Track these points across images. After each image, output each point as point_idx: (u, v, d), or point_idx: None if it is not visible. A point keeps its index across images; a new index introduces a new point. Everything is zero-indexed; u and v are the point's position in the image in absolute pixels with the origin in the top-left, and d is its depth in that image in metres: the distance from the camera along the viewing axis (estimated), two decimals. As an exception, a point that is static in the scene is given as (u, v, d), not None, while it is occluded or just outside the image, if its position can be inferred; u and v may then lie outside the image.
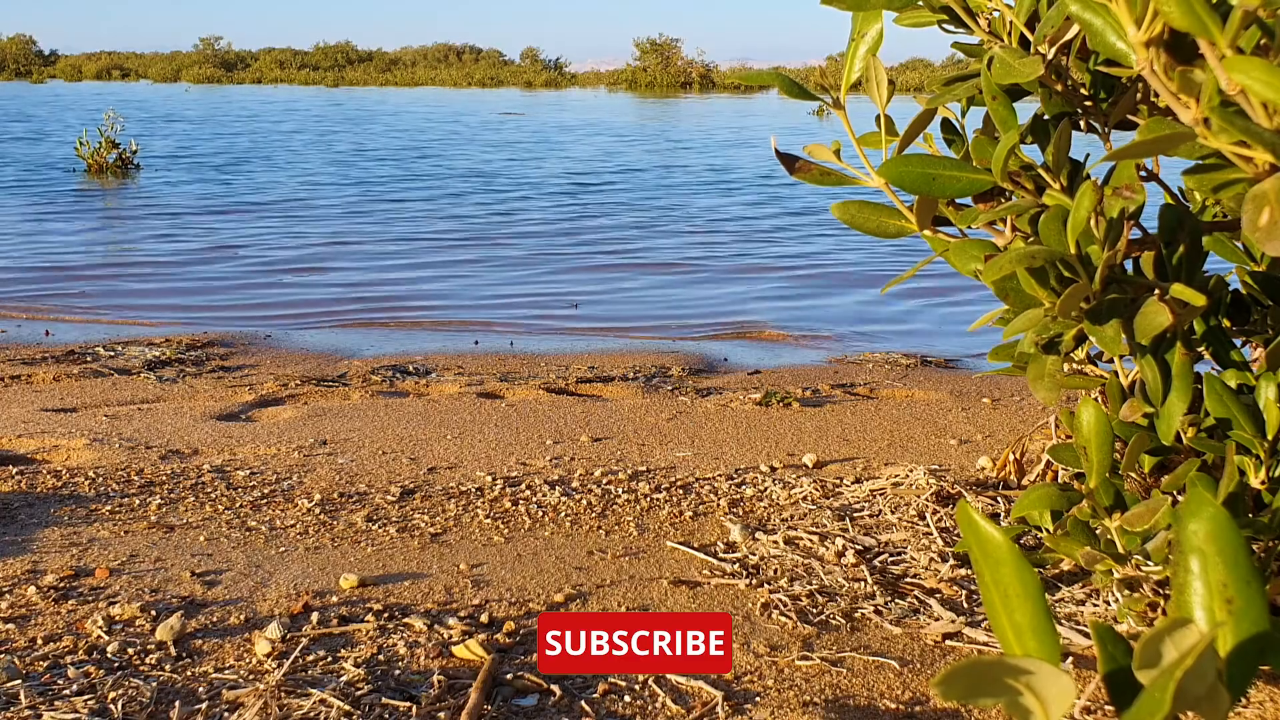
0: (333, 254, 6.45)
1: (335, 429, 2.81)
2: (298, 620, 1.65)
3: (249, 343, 4.02)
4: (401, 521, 2.11)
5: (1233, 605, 0.56)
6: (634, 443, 2.71)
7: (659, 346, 4.09)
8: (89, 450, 2.56)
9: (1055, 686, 0.51)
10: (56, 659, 1.52)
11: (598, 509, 2.20)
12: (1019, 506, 1.43)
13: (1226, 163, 0.92)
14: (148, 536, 2.01)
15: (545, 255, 6.57)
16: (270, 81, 46.46)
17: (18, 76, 49.89)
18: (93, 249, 6.51)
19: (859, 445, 2.70)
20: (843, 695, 1.46)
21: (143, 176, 10.33)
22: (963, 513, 0.62)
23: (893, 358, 3.87)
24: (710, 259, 6.51)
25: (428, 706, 1.41)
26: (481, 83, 46.09)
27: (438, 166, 11.97)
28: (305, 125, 18.71)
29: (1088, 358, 1.65)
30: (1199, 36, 0.80)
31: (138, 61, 53.06)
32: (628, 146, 14.99)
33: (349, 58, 53.21)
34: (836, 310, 5.13)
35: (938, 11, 1.32)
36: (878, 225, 1.37)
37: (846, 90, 1.35)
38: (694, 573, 1.87)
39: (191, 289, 5.43)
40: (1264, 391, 1.26)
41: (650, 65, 44.22)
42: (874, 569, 1.86)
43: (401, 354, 3.87)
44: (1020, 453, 2.31)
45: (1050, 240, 1.15)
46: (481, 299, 5.30)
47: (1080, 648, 1.58)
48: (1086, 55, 1.27)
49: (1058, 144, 1.22)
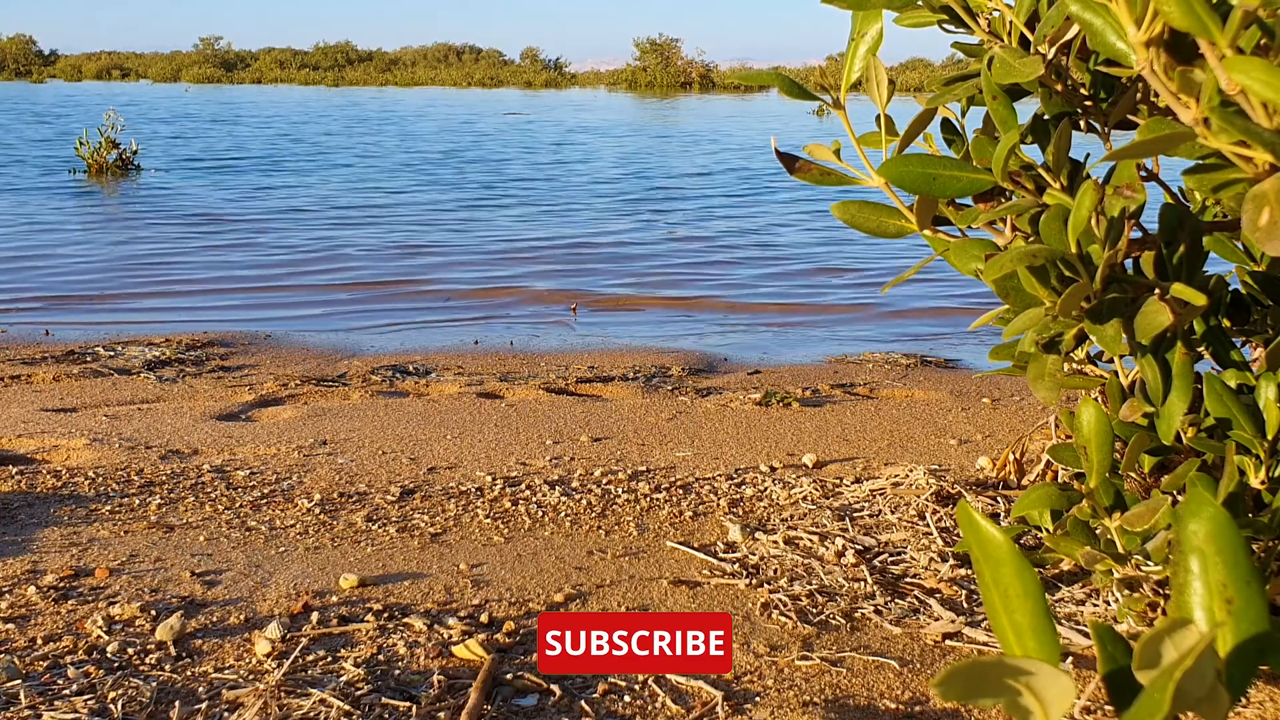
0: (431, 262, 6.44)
1: (335, 429, 2.81)
2: (298, 620, 1.65)
3: (249, 342, 4.02)
4: (401, 521, 2.11)
5: (1232, 605, 0.56)
6: (634, 443, 2.71)
7: (659, 346, 4.09)
8: (89, 450, 2.56)
9: (1055, 687, 0.51)
10: (56, 659, 1.52)
11: (598, 509, 2.20)
12: (1019, 506, 1.43)
13: (1226, 163, 0.92)
14: (148, 536, 2.01)
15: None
16: (270, 81, 46.46)
17: (18, 76, 49.90)
18: (93, 249, 6.51)
19: (859, 445, 2.69)
20: (843, 695, 1.46)
21: (143, 177, 10.34)
22: (963, 512, 0.62)
23: (893, 358, 3.87)
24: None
25: (428, 706, 1.41)
26: (481, 83, 46.08)
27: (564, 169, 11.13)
28: (327, 125, 18.38)
29: (1088, 357, 1.65)
30: (1199, 36, 0.80)
31: (138, 61, 53.07)
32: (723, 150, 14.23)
33: (349, 58, 53.22)
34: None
35: (938, 11, 1.32)
36: (878, 225, 1.37)
37: (846, 90, 1.35)
38: (694, 573, 1.87)
39: (192, 289, 5.43)
40: (1264, 391, 1.26)
41: (650, 65, 44.21)
42: (874, 569, 1.86)
43: (401, 354, 3.87)
44: (1020, 453, 2.31)
45: (1051, 239, 1.15)
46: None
47: (1080, 648, 1.58)
48: (1086, 55, 1.27)
49: (1058, 144, 1.22)
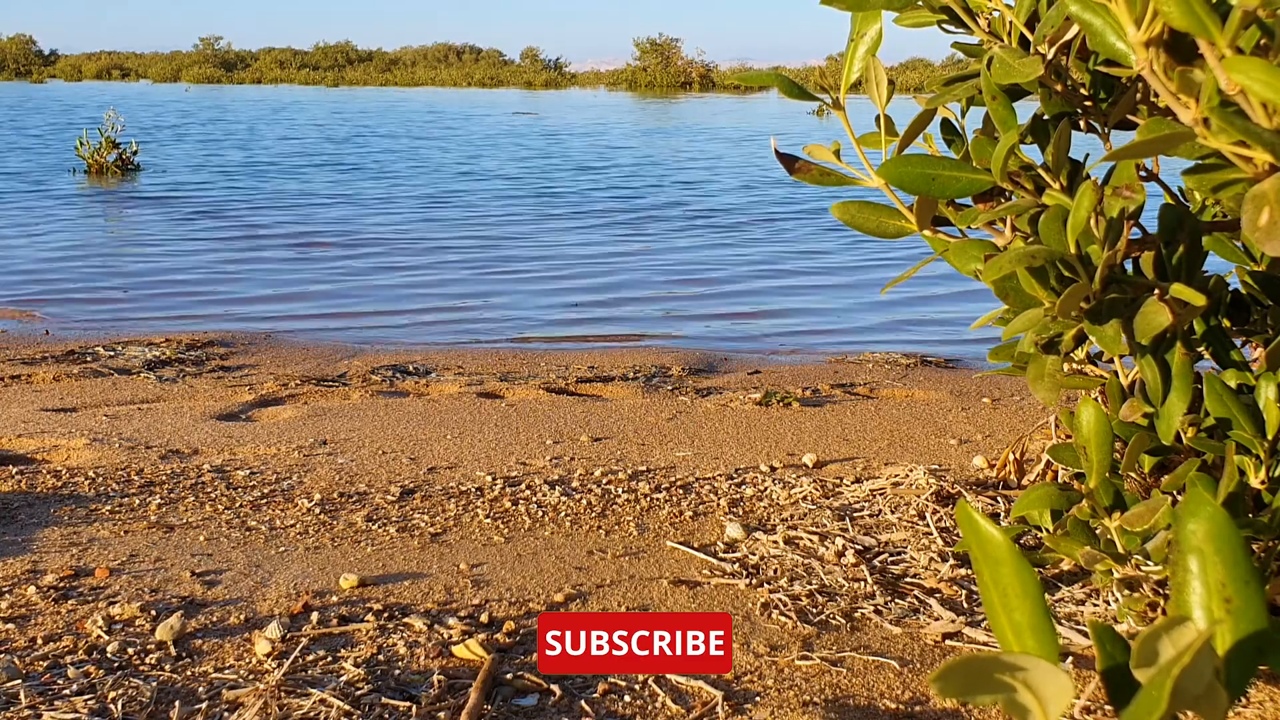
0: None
1: (335, 429, 2.81)
2: (298, 620, 1.65)
3: (249, 342, 4.02)
4: (401, 521, 2.12)
5: (1231, 604, 0.56)
6: (634, 442, 2.71)
7: (659, 346, 4.09)
8: (89, 450, 2.56)
9: (1053, 684, 0.51)
10: (56, 659, 1.52)
11: (598, 509, 2.20)
12: (1019, 506, 1.43)
13: (1226, 163, 0.92)
14: (148, 536, 2.01)
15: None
16: (270, 81, 46.46)
17: (18, 76, 49.91)
18: (93, 249, 6.51)
19: (859, 445, 2.70)
20: (843, 695, 1.46)
21: (142, 177, 10.34)
22: (962, 512, 0.62)
23: (893, 358, 3.87)
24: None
25: (428, 706, 1.41)
26: (481, 83, 46.07)
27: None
28: (348, 127, 18.14)
29: (1088, 358, 1.65)
30: (1199, 36, 0.81)
31: (138, 61, 53.09)
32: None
33: (349, 58, 53.24)
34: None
35: (938, 11, 1.32)
36: (877, 225, 1.37)
37: (846, 90, 1.35)
38: (694, 573, 1.87)
39: (192, 289, 5.42)
40: (1264, 391, 1.26)
41: (650, 65, 44.21)
42: (874, 569, 1.87)
43: (401, 353, 3.87)
44: (1020, 452, 2.31)
45: (1050, 240, 1.15)
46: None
47: (1080, 647, 1.58)
48: (1086, 55, 1.27)
49: (1058, 144, 1.22)
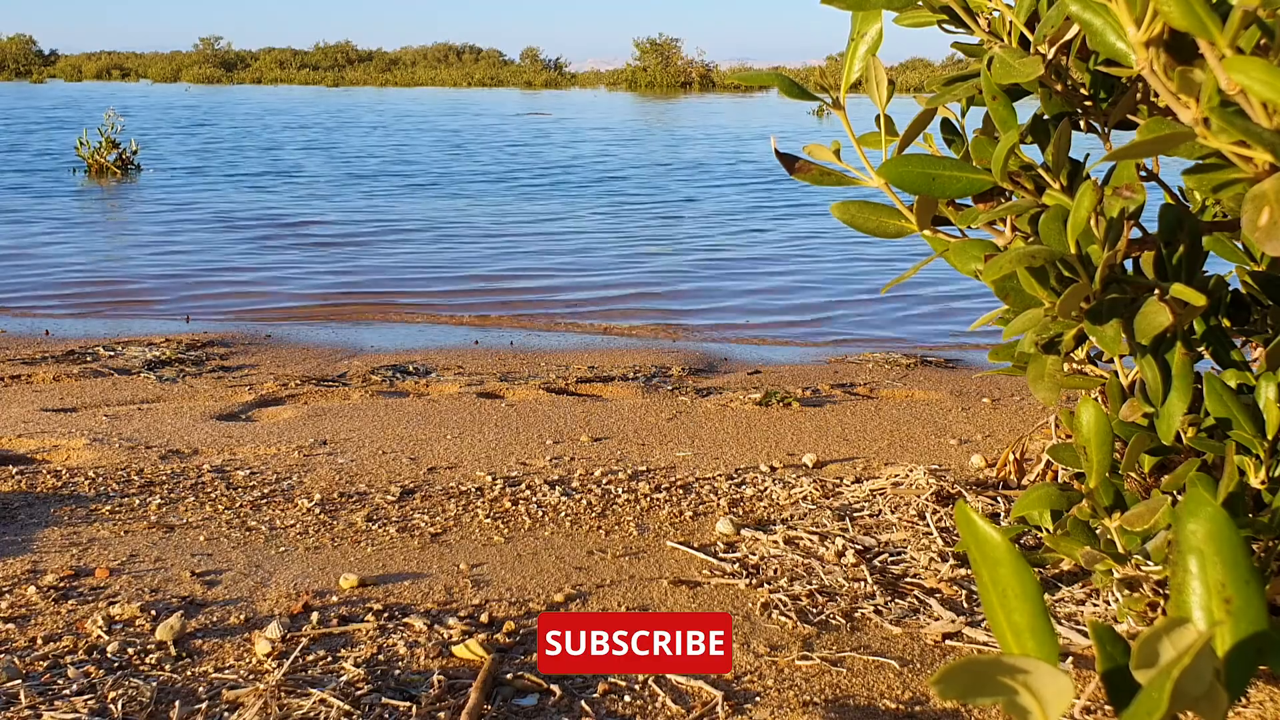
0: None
1: (335, 429, 2.81)
2: (298, 620, 1.65)
3: (249, 342, 4.02)
4: (401, 521, 2.11)
5: (1231, 605, 0.56)
6: (634, 443, 2.71)
7: (659, 346, 4.09)
8: (89, 450, 2.56)
9: (1053, 685, 0.52)
10: (56, 659, 1.52)
11: (598, 509, 2.20)
12: (1019, 506, 1.43)
13: (1226, 163, 0.92)
14: (148, 536, 2.01)
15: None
16: (270, 81, 46.43)
17: (18, 76, 49.90)
18: (93, 249, 6.51)
19: (859, 445, 2.69)
20: (843, 695, 1.46)
21: (143, 177, 10.34)
22: (961, 513, 0.62)
23: (893, 358, 3.87)
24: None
25: (428, 706, 1.41)
26: (481, 82, 46.05)
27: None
28: (353, 126, 18.01)
29: (1088, 358, 1.65)
30: (1199, 36, 0.80)
31: (138, 61, 53.06)
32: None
33: (349, 58, 53.21)
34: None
35: (938, 11, 1.32)
36: (877, 225, 1.37)
37: (846, 90, 1.35)
38: (694, 573, 1.87)
39: (192, 289, 5.43)
40: (1264, 391, 1.26)
41: (650, 65, 44.18)
42: (874, 569, 1.86)
43: (401, 353, 3.87)
44: (1020, 453, 2.31)
45: (1050, 240, 1.15)
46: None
47: (1080, 648, 1.58)
48: (1086, 55, 1.27)
49: (1058, 144, 1.22)
